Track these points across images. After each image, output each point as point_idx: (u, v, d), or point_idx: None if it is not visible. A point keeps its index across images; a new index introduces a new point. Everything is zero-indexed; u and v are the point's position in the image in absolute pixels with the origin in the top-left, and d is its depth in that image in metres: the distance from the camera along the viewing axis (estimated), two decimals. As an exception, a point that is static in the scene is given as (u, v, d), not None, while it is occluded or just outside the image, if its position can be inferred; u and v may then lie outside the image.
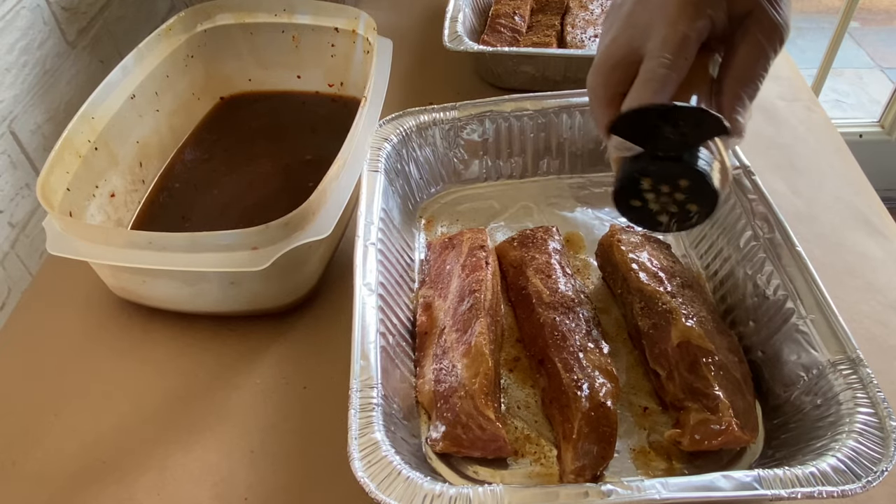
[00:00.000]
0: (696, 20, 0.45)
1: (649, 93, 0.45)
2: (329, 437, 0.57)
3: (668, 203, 0.46)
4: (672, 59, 0.45)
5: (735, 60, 0.47)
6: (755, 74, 0.46)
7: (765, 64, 0.46)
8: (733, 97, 0.46)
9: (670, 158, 0.44)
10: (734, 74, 0.47)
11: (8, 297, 0.74)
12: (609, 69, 0.49)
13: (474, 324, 0.57)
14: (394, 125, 0.72)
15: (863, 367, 0.50)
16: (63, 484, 0.56)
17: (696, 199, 0.45)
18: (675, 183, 0.45)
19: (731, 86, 0.47)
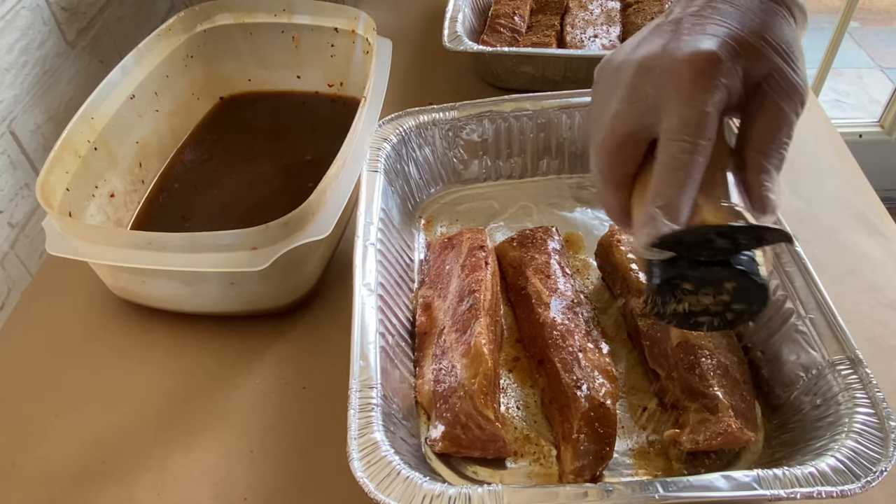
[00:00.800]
0: (713, 93, 0.40)
1: (675, 184, 0.40)
2: (329, 437, 0.57)
3: (711, 305, 0.42)
4: (694, 141, 0.40)
5: (755, 131, 0.43)
6: (779, 144, 0.42)
7: (788, 131, 0.42)
8: (759, 171, 0.42)
9: (715, 263, 0.40)
10: (757, 147, 0.42)
11: (8, 297, 0.74)
12: (616, 148, 0.44)
13: (474, 324, 0.57)
14: (393, 125, 0.72)
15: (862, 367, 0.50)
16: (63, 484, 0.56)
17: (744, 299, 0.41)
18: (720, 286, 0.41)
19: (755, 159, 0.42)
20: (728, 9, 0.43)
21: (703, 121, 0.40)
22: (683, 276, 0.41)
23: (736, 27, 0.42)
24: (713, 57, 0.40)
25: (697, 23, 0.42)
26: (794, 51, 0.42)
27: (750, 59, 0.41)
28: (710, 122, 0.40)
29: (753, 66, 0.42)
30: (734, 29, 0.41)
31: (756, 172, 0.42)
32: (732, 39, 0.41)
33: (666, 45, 0.42)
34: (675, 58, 0.41)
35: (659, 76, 0.42)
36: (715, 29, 0.42)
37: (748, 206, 0.42)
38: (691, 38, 0.42)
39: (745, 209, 0.41)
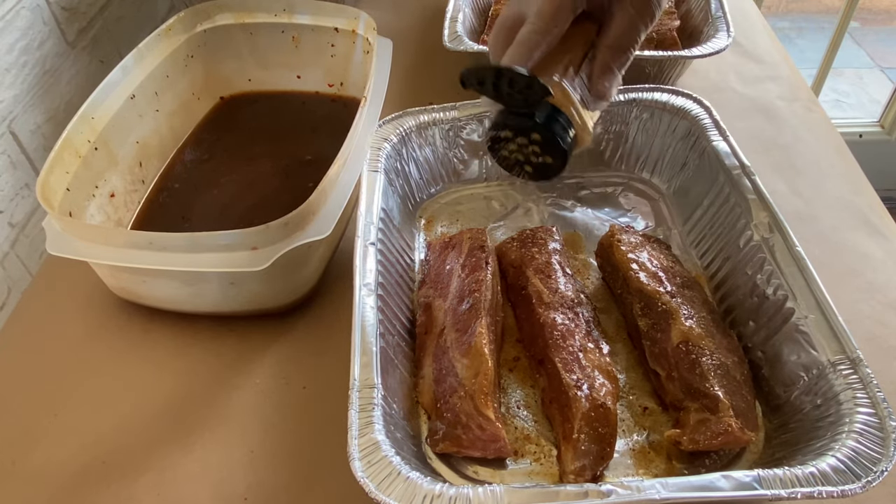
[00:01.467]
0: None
1: (518, 54, 0.49)
2: (329, 437, 0.57)
3: (528, 155, 0.51)
4: (542, 25, 0.49)
5: (608, 30, 0.51)
6: (625, 44, 0.50)
7: (635, 35, 0.50)
8: (602, 65, 0.51)
9: (523, 114, 0.49)
10: (606, 43, 0.51)
11: (8, 297, 0.74)
12: (503, 31, 0.52)
13: (474, 324, 0.57)
14: (394, 125, 0.72)
15: (863, 367, 0.50)
16: (63, 484, 0.56)
17: (549, 153, 0.50)
18: (530, 137, 0.50)
19: (602, 53, 0.51)
20: None
21: (555, 11, 0.49)
22: (503, 123, 0.50)
23: None
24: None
25: None
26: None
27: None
28: (560, 13, 0.49)
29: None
30: None
31: (600, 65, 0.51)
32: None
33: None
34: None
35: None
36: None
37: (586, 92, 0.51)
38: None
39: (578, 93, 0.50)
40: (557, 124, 0.49)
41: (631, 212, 0.74)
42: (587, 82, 0.51)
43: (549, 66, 0.51)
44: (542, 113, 0.49)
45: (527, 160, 0.52)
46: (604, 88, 0.51)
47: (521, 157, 0.52)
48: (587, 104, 0.51)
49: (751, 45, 0.99)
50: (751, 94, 0.90)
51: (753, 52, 0.98)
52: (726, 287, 0.63)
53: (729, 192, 0.65)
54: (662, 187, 0.76)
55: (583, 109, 0.50)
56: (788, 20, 2.82)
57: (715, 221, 0.67)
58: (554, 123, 0.49)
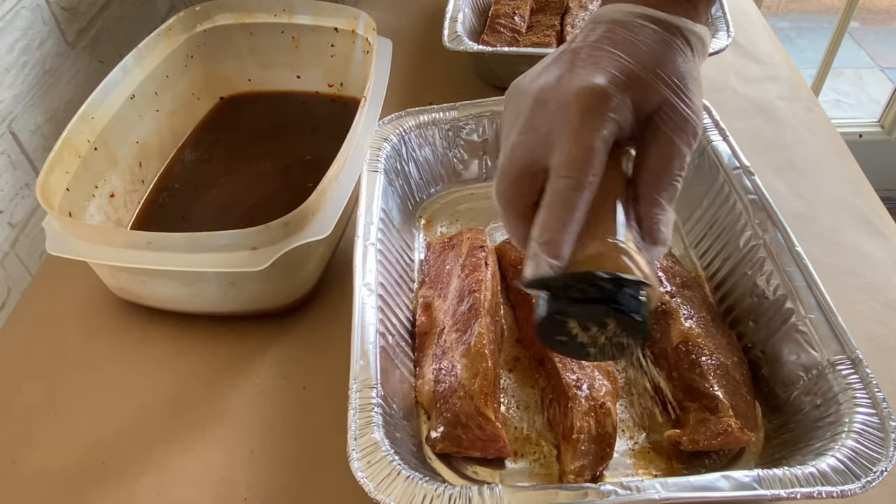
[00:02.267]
0: (601, 128, 0.40)
1: (558, 220, 0.40)
2: (329, 437, 0.57)
3: (598, 336, 0.42)
4: (579, 178, 0.40)
5: (647, 163, 0.43)
6: (671, 176, 0.42)
7: (680, 163, 0.42)
8: (650, 204, 0.42)
9: (594, 300, 0.40)
10: (648, 179, 0.43)
11: (8, 297, 0.74)
12: (513, 181, 0.44)
13: (474, 324, 0.57)
14: (393, 125, 0.72)
15: (862, 367, 0.50)
16: (63, 484, 0.56)
17: (626, 333, 0.41)
18: (602, 321, 0.41)
19: (647, 191, 0.43)
20: (624, 39, 0.43)
21: (589, 157, 0.40)
22: (565, 311, 0.41)
23: (628, 60, 0.42)
24: (602, 93, 0.41)
25: (592, 54, 0.43)
26: (688, 82, 0.43)
27: (640, 92, 0.42)
28: (595, 158, 0.40)
29: (644, 99, 0.42)
30: (626, 62, 0.42)
31: (648, 205, 0.42)
32: (623, 73, 0.41)
33: (560, 77, 0.43)
34: (567, 92, 0.41)
35: (552, 110, 0.42)
36: (608, 62, 0.42)
37: (639, 237, 0.42)
38: (584, 71, 0.42)
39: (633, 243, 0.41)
40: (631, 299, 0.40)
41: (631, 212, 0.74)
42: (638, 228, 0.43)
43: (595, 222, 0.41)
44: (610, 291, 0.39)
45: (593, 342, 0.42)
46: (658, 231, 0.42)
47: (587, 339, 0.42)
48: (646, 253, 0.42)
49: (751, 45, 0.99)
50: (751, 94, 0.90)
51: (753, 52, 0.98)
52: (726, 287, 0.63)
53: (729, 192, 0.65)
54: (662, 187, 0.76)
55: (644, 263, 0.41)
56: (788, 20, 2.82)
57: (715, 221, 0.67)
58: (628, 300, 0.39)
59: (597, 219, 0.42)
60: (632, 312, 0.39)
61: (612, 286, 0.39)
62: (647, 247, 0.42)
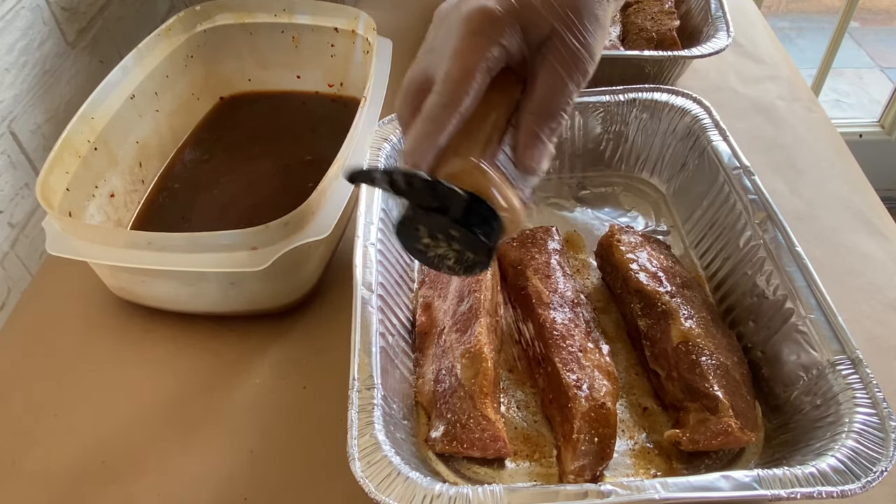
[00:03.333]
0: (483, 50, 0.41)
1: (424, 136, 0.41)
2: (329, 437, 0.57)
3: (448, 249, 0.44)
4: (451, 95, 0.41)
5: (531, 93, 0.42)
6: (553, 109, 0.42)
7: (563, 99, 0.42)
8: (527, 134, 0.42)
9: (435, 210, 0.41)
10: (529, 108, 0.42)
11: (8, 297, 0.74)
12: (410, 96, 0.45)
13: (474, 324, 0.57)
14: (393, 125, 0.72)
15: (862, 367, 0.50)
16: (63, 484, 0.56)
17: (471, 249, 0.43)
18: (448, 233, 0.42)
19: (526, 121, 0.43)
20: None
21: (465, 77, 0.40)
22: (414, 218, 0.42)
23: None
24: (489, 14, 0.41)
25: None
26: (584, 18, 0.41)
27: (531, 20, 0.41)
28: (471, 79, 0.40)
29: (535, 27, 0.41)
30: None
31: (525, 134, 0.42)
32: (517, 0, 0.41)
33: None
34: (459, 12, 0.42)
35: (446, 29, 0.43)
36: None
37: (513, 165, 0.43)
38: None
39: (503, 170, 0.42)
40: (476, 216, 0.41)
41: (631, 212, 0.74)
42: (512, 155, 0.44)
43: (464, 141, 0.42)
44: (457, 206, 0.40)
45: (445, 255, 0.44)
46: (531, 162, 0.43)
47: (440, 251, 0.44)
48: (513, 180, 0.43)
49: (751, 45, 0.99)
50: (751, 94, 0.90)
51: (753, 52, 0.98)
52: (726, 287, 0.63)
53: (729, 191, 0.65)
54: (662, 187, 0.76)
55: (509, 189, 0.42)
56: (788, 20, 2.82)
57: (715, 221, 0.67)
58: (472, 216, 0.41)
59: (469, 140, 0.42)
60: (474, 229, 0.41)
61: (461, 202, 0.40)
62: (520, 176, 0.43)
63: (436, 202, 0.41)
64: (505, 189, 0.42)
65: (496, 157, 0.43)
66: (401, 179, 0.41)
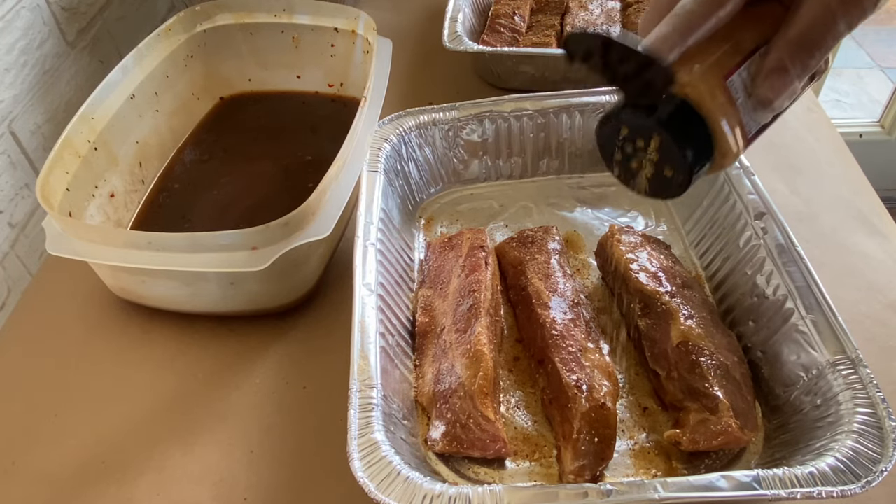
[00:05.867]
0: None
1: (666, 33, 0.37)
2: (329, 437, 0.57)
3: (645, 160, 0.40)
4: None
5: (794, 20, 0.37)
6: (813, 42, 0.37)
7: (832, 34, 0.36)
8: (774, 61, 0.37)
9: (643, 108, 0.38)
10: (787, 35, 0.37)
11: (8, 297, 0.74)
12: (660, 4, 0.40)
13: (474, 324, 0.57)
14: (393, 125, 0.72)
15: (862, 367, 0.50)
16: (63, 484, 0.56)
17: (671, 164, 0.39)
18: (649, 139, 0.39)
19: (779, 47, 0.37)
20: None
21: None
22: (620, 115, 0.39)
23: None
24: None
25: None
26: None
27: None
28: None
29: None
30: None
31: (773, 60, 0.38)
32: None
33: None
34: None
35: None
36: None
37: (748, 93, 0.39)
38: None
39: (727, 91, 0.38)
40: (687, 129, 0.37)
41: (631, 212, 0.74)
42: (746, 83, 0.39)
43: (701, 52, 0.38)
44: (667, 110, 0.37)
45: (641, 167, 0.41)
46: (769, 92, 0.38)
47: (637, 163, 0.41)
48: (743, 112, 0.39)
49: (751, 45, 0.99)
50: (751, 94, 0.90)
51: (753, 52, 0.98)
52: (726, 287, 0.63)
53: (729, 191, 0.65)
54: (662, 187, 0.76)
55: (733, 116, 0.38)
56: (788, 20, 2.81)
57: (715, 221, 0.67)
58: (682, 127, 0.37)
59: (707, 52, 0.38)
60: (681, 144, 0.37)
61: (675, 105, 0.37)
62: (751, 107, 0.39)
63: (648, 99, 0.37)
64: (730, 114, 0.38)
65: (730, 77, 0.38)
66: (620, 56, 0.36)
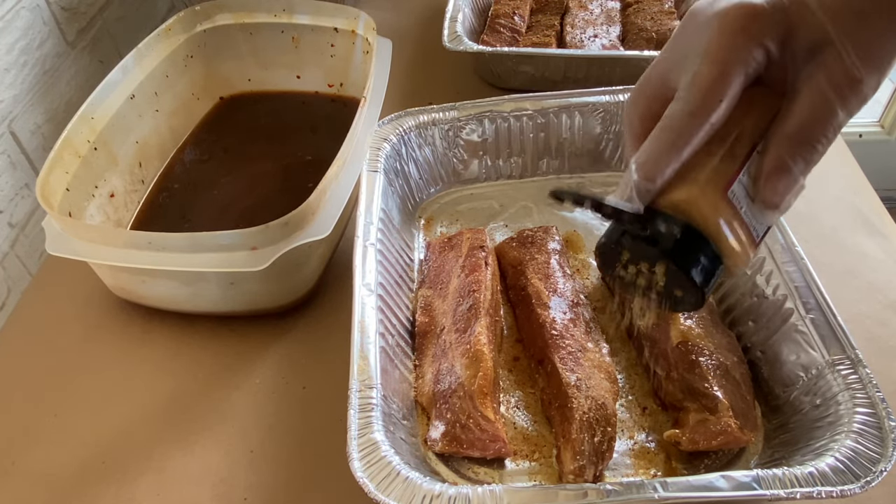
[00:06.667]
0: (742, 51, 0.35)
1: (661, 141, 0.36)
2: (329, 437, 0.57)
3: (652, 282, 0.39)
4: (699, 102, 0.35)
5: (787, 115, 0.36)
6: (813, 136, 0.36)
7: (831, 126, 0.36)
8: (775, 160, 0.36)
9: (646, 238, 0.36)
10: (785, 131, 0.36)
11: (8, 297, 0.74)
12: (643, 102, 0.40)
13: (474, 324, 0.57)
14: (393, 125, 0.72)
15: (862, 367, 0.50)
16: (63, 484, 0.56)
17: (680, 288, 0.38)
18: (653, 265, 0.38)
19: (776, 148, 0.36)
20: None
21: (717, 82, 0.35)
22: (620, 242, 0.38)
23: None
24: (750, 12, 0.35)
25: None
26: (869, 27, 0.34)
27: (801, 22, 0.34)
28: (724, 85, 0.35)
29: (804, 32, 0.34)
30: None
31: (772, 163, 0.36)
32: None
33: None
34: (714, 9, 0.36)
35: (696, 27, 0.37)
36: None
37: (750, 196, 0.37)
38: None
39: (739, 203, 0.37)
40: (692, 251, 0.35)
41: (631, 212, 0.74)
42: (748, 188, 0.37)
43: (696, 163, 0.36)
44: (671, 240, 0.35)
45: (650, 286, 0.39)
46: (774, 196, 0.36)
47: (644, 281, 0.39)
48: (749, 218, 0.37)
49: (751, 45, 0.99)
50: (751, 94, 0.90)
51: (753, 51, 0.98)
52: (726, 287, 0.63)
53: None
54: (662, 187, 0.76)
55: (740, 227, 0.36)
56: (788, 20, 2.81)
57: (715, 221, 0.66)
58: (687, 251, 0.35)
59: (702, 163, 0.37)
60: (688, 270, 0.36)
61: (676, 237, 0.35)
62: (756, 211, 0.37)
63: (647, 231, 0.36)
64: (735, 227, 0.36)
65: (730, 187, 0.37)
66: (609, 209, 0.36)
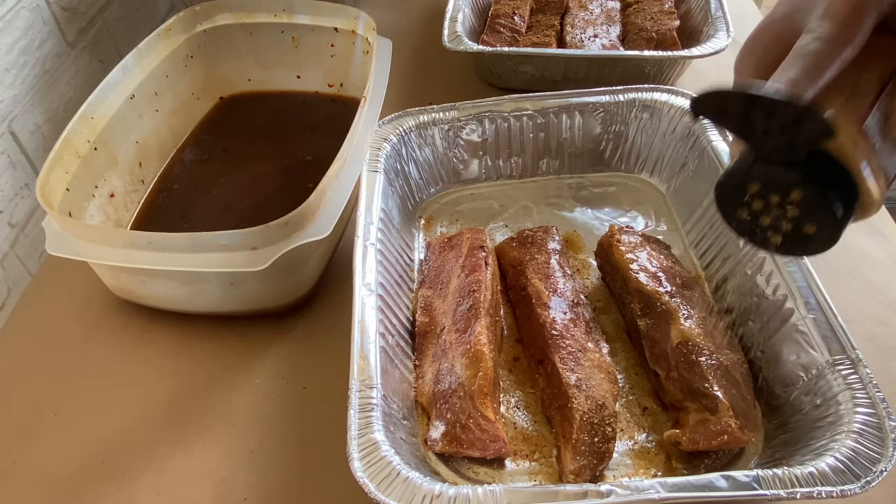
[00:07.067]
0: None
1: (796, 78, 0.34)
2: (329, 437, 0.57)
3: (780, 218, 0.37)
4: (835, 32, 0.33)
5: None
6: None
7: None
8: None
9: (782, 163, 0.35)
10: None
11: (8, 297, 0.74)
12: (761, 49, 0.38)
13: (474, 324, 0.57)
14: (393, 125, 0.72)
15: (862, 367, 0.50)
16: (63, 484, 0.56)
17: (815, 220, 0.36)
18: (788, 194, 0.36)
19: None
20: None
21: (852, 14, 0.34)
22: (749, 171, 0.36)
23: None
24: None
25: None
26: None
27: None
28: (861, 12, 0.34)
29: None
30: None
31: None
32: None
33: None
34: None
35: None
36: None
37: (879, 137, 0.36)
38: None
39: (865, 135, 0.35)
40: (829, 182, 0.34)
41: (631, 212, 0.74)
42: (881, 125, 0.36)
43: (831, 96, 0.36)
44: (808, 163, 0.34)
45: (775, 225, 0.37)
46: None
47: (769, 220, 0.37)
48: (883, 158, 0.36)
49: (751, 45, 0.99)
50: (751, 94, 0.90)
51: (753, 51, 0.98)
52: (726, 287, 0.63)
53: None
54: (662, 187, 0.76)
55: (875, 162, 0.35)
56: (788, 20, 2.81)
57: (715, 221, 0.66)
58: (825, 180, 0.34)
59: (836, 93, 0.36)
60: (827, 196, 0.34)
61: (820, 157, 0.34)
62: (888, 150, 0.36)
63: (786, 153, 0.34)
64: (872, 162, 0.35)
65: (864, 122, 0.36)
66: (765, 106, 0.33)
